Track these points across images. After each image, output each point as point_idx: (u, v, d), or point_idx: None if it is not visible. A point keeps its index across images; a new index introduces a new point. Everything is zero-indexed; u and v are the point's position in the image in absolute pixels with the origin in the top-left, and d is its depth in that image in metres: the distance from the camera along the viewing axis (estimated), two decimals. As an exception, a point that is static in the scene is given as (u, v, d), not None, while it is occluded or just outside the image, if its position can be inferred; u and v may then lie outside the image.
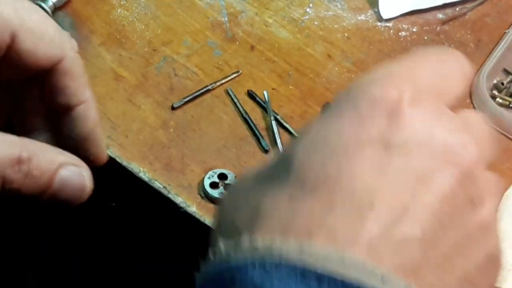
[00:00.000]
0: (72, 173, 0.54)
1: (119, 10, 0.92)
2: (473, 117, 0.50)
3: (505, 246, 0.77)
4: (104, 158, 0.60)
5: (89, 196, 0.57)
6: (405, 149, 0.47)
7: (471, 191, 0.48)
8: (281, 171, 0.49)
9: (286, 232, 0.45)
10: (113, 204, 0.92)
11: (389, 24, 0.95)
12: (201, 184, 0.79)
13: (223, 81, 0.87)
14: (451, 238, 0.47)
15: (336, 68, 0.90)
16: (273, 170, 0.50)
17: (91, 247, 1.00)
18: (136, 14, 0.92)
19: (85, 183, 0.56)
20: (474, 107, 0.89)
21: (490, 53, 0.93)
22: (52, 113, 0.59)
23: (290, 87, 0.88)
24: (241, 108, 0.85)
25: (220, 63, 0.89)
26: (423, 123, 0.48)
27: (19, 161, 0.51)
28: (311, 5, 0.96)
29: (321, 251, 0.44)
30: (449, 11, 0.97)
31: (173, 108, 0.85)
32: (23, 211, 1.00)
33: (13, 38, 0.54)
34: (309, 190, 0.47)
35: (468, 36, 0.95)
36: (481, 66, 0.91)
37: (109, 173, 0.84)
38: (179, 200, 0.79)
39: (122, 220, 0.93)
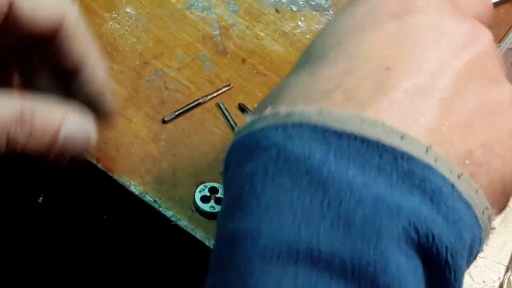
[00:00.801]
0: (76, 125, 0.55)
1: (110, 23, 0.92)
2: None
3: (490, 262, 0.77)
4: (114, 115, 0.60)
5: (95, 144, 0.57)
6: (418, 27, 0.49)
7: (489, 69, 0.50)
8: (302, 60, 0.53)
9: (307, 100, 0.47)
10: (105, 217, 0.92)
11: (381, 38, 0.95)
12: (192, 197, 0.79)
13: (214, 94, 0.87)
14: (470, 104, 0.48)
15: (328, 82, 0.90)
16: (297, 62, 0.54)
17: (91, 248, 0.99)
18: (127, 27, 0.91)
19: (90, 132, 0.56)
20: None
21: (481, 66, 0.93)
22: (60, 76, 0.58)
23: (282, 100, 0.88)
24: (232, 122, 0.85)
25: (211, 76, 0.89)
26: (436, 8, 0.51)
27: (21, 119, 0.51)
28: (302, 18, 0.96)
29: (340, 112, 0.45)
30: (440, 25, 0.97)
31: (164, 122, 0.85)
32: (23, 211, 1.00)
33: (11, 4, 0.53)
34: (327, 62, 0.49)
35: (460, 49, 0.95)
36: (472, 79, 0.91)
37: (100, 186, 0.84)
38: (170, 213, 0.78)
39: (114, 233, 0.93)
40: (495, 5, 1.00)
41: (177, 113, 0.85)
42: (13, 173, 0.91)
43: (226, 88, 0.88)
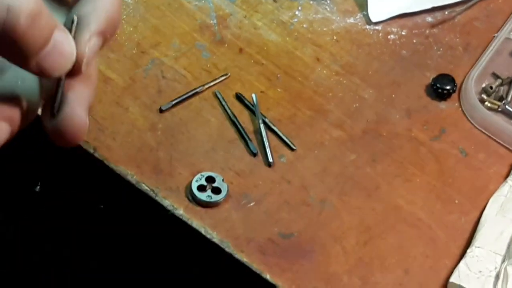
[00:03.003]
0: (66, 37, 0.53)
1: (108, 12, 0.91)
2: None
3: (487, 252, 0.78)
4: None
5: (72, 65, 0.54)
6: None
7: None
8: None
9: None
10: (102, 206, 0.92)
11: (378, 27, 0.95)
12: (189, 187, 0.79)
13: (212, 83, 0.87)
14: None
15: (325, 71, 0.90)
16: None
17: (87, 237, 0.99)
18: (124, 16, 0.91)
19: (73, 54, 0.54)
20: (462, 111, 0.89)
21: (479, 57, 0.93)
22: None
23: (279, 90, 0.88)
24: (229, 111, 0.85)
25: (208, 65, 0.89)
26: None
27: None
28: (300, 8, 0.95)
29: None
30: (438, 15, 0.97)
31: (161, 111, 0.84)
32: (22, 200, 1.00)
33: None
34: None
35: (457, 39, 0.95)
36: (470, 70, 0.92)
37: (97, 176, 0.84)
38: (166, 203, 0.78)
39: (111, 222, 0.93)
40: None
41: (174, 102, 0.85)
42: (11, 162, 0.90)
43: (223, 78, 0.88)
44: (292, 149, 0.84)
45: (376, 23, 0.95)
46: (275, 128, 0.85)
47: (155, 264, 0.91)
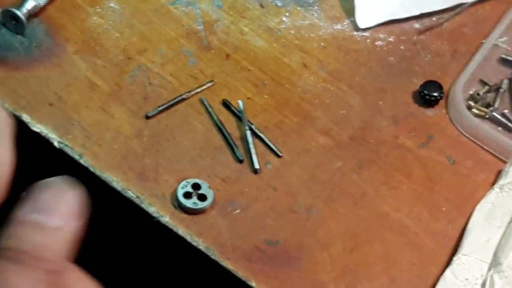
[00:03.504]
0: None
1: (94, 18, 0.91)
2: None
3: (473, 260, 0.77)
4: None
5: None
6: None
7: None
8: None
9: None
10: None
11: (366, 34, 0.95)
12: (175, 194, 0.79)
13: (198, 90, 0.87)
14: None
15: (312, 78, 0.90)
16: None
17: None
18: (111, 22, 0.91)
19: None
20: (450, 118, 0.89)
21: (466, 63, 0.93)
22: None
23: (265, 96, 0.88)
24: (215, 118, 0.85)
25: (195, 71, 0.89)
26: None
27: None
28: (287, 14, 0.95)
29: None
30: (426, 21, 0.97)
31: (147, 117, 0.84)
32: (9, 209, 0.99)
33: None
34: None
35: (445, 46, 0.95)
36: (457, 76, 0.91)
37: (83, 182, 0.83)
38: (152, 210, 0.78)
39: (96, 228, 0.93)
40: (482, 1, 1.00)
41: (160, 108, 0.85)
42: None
43: (209, 84, 0.88)
44: (278, 156, 0.84)
45: (364, 30, 0.95)
46: (261, 135, 0.84)
47: (141, 269, 0.90)
